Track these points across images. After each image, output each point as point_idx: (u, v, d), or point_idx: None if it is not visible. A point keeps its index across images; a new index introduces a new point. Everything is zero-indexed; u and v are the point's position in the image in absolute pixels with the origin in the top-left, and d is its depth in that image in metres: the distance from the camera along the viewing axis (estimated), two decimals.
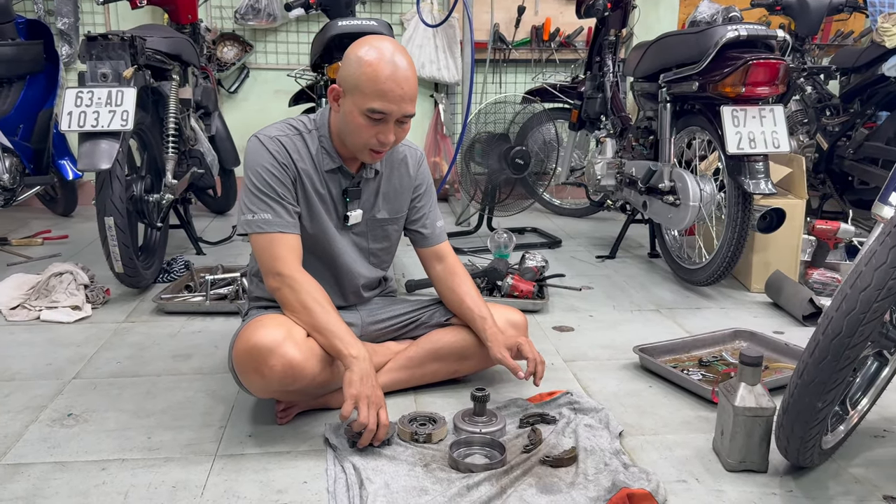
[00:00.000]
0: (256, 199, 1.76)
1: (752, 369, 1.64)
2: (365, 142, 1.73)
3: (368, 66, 1.66)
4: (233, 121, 4.35)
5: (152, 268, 2.97)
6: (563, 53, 4.82)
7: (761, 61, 2.54)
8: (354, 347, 1.67)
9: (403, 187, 1.98)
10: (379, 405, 1.64)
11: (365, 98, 1.67)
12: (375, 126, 1.71)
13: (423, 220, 2.03)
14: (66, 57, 4.36)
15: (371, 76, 1.66)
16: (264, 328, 1.69)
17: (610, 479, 1.55)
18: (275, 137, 1.79)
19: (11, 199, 3.28)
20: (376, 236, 1.99)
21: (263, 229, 1.75)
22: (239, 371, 1.74)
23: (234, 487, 1.56)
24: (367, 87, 1.66)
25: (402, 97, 1.68)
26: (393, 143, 1.76)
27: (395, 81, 1.66)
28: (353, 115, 1.71)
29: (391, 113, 1.69)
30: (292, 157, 1.80)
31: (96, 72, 2.57)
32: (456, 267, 2.04)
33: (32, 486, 1.56)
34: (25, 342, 2.39)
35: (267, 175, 1.76)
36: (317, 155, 1.83)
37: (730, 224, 2.69)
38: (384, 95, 1.66)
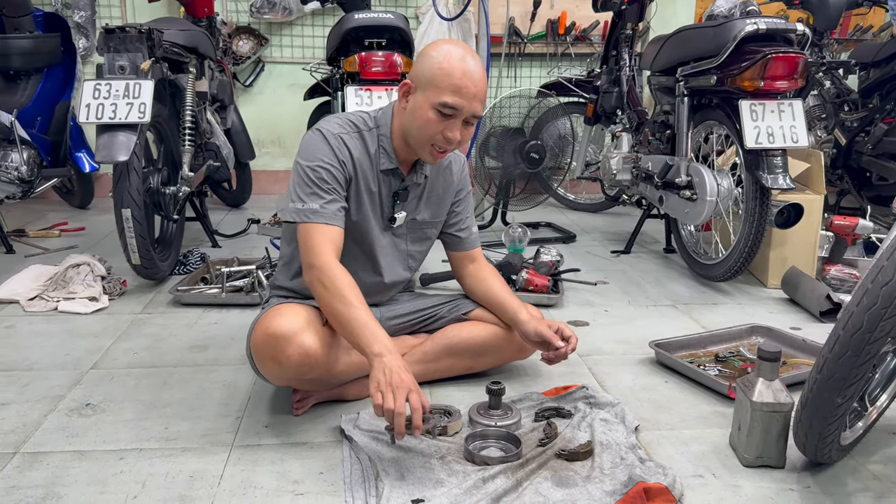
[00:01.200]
0: (307, 189, 1.75)
1: (770, 364, 1.63)
2: (431, 136, 1.73)
3: (445, 62, 1.69)
4: (248, 114, 4.37)
5: (168, 260, 2.99)
6: (579, 47, 4.80)
7: (780, 55, 2.52)
8: (377, 344, 1.59)
9: (447, 192, 2.00)
10: (408, 390, 1.52)
11: (439, 92, 1.69)
12: (444, 122, 1.71)
13: (460, 224, 2.05)
14: (83, 50, 4.39)
15: (447, 71, 1.68)
16: (282, 316, 1.70)
17: (626, 474, 1.54)
18: (337, 135, 1.79)
19: (29, 192, 3.31)
20: (415, 238, 2.00)
21: (310, 219, 1.73)
22: (256, 358, 1.75)
23: (251, 477, 1.56)
24: (442, 81, 1.68)
25: (475, 95, 1.70)
26: (457, 144, 1.77)
27: (469, 79, 1.69)
28: (423, 110, 1.72)
29: (462, 109, 1.70)
30: (353, 155, 1.80)
31: (114, 64, 2.58)
32: (487, 264, 2.09)
33: (51, 474, 1.57)
34: (43, 332, 2.41)
35: (323, 168, 1.75)
36: (375, 154, 1.83)
37: (747, 219, 2.67)
38: (458, 91, 1.68)
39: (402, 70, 2.86)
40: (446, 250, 2.09)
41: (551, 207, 4.50)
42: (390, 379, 1.52)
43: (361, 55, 2.84)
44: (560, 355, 1.89)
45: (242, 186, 4.36)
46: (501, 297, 1.98)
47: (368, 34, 2.92)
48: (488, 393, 1.78)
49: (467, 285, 2.07)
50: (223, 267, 2.85)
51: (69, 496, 1.49)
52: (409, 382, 1.53)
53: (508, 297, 1.98)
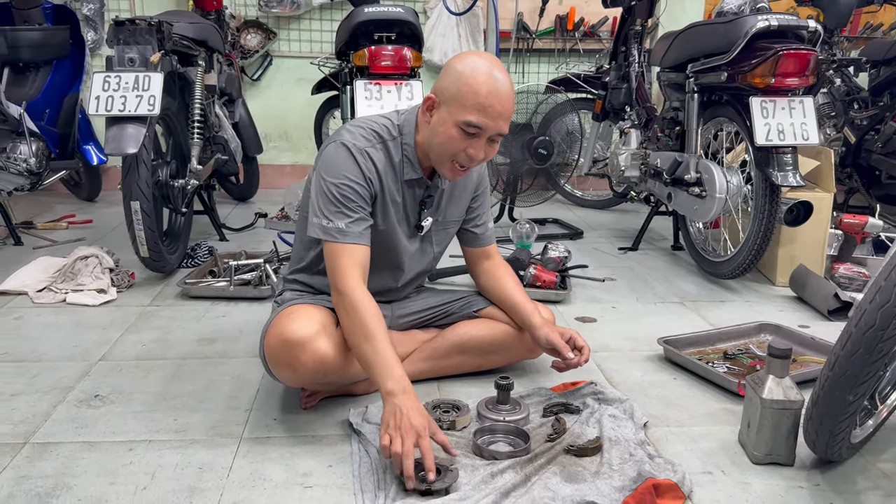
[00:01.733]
0: (333, 208, 1.69)
1: (780, 362, 1.62)
2: (453, 154, 1.69)
3: (471, 78, 1.63)
4: (255, 108, 4.37)
5: (177, 253, 2.99)
6: (587, 43, 4.79)
7: (792, 52, 2.50)
8: (391, 381, 1.55)
9: (467, 190, 1.97)
10: (417, 435, 1.47)
11: (463, 110, 1.64)
12: (467, 140, 1.67)
13: (477, 220, 2.03)
14: (92, 43, 4.40)
15: (473, 88, 1.62)
16: (297, 321, 1.68)
17: (635, 470, 1.54)
18: (363, 150, 1.73)
19: (38, 183, 3.32)
20: (440, 239, 1.99)
21: (336, 239, 1.69)
22: (271, 363, 1.74)
23: (260, 470, 1.57)
24: (467, 99, 1.63)
25: (501, 114, 1.65)
26: (480, 161, 1.72)
27: (496, 97, 1.63)
28: (446, 126, 1.67)
29: (486, 128, 1.65)
30: (378, 169, 1.75)
31: (123, 56, 2.58)
32: (502, 262, 2.07)
33: (61, 464, 1.57)
34: (52, 324, 2.41)
35: (348, 186, 1.70)
36: (399, 164, 1.79)
37: (756, 216, 2.66)
38: (483, 110, 1.63)
39: (411, 64, 2.86)
40: (461, 245, 2.08)
41: (558, 204, 4.49)
42: (400, 422, 1.48)
43: (371, 49, 2.83)
44: (571, 365, 1.87)
45: (250, 180, 4.37)
46: (515, 298, 1.97)
47: (378, 28, 2.91)
48: (497, 388, 1.78)
49: (481, 282, 2.06)
50: (231, 260, 2.85)
51: (79, 486, 1.49)
52: (420, 427, 1.48)
53: (522, 298, 1.96)
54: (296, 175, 4.75)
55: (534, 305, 1.96)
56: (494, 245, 2.08)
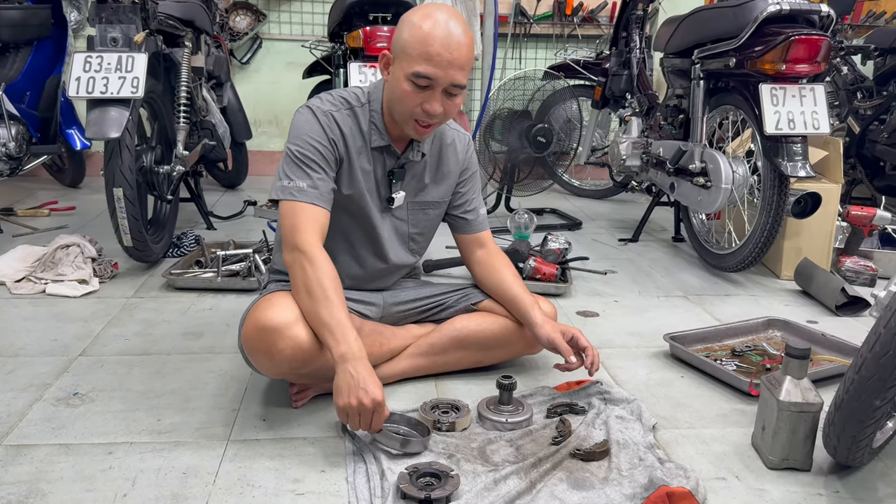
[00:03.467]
0: (296, 167, 1.66)
1: (798, 362, 1.54)
2: (410, 111, 1.64)
3: (419, 28, 1.58)
4: (244, 93, 4.25)
5: (162, 242, 2.88)
6: (586, 29, 4.69)
7: (803, 37, 2.42)
8: (344, 344, 1.50)
9: (450, 171, 1.89)
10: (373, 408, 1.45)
11: (411, 61, 1.58)
12: (421, 93, 1.61)
13: (467, 205, 1.94)
14: (75, 23, 4.26)
15: (419, 38, 1.57)
16: (274, 307, 1.60)
17: (646, 476, 1.46)
18: (328, 112, 1.70)
19: (17, 169, 3.19)
20: (417, 221, 1.90)
21: (295, 197, 1.65)
22: (248, 351, 1.65)
23: (248, 475, 1.47)
24: (414, 49, 1.58)
25: (451, 62, 1.58)
26: (441, 118, 1.66)
27: (443, 45, 1.56)
28: (399, 82, 1.62)
29: (437, 79, 1.58)
30: (343, 133, 1.71)
31: (106, 36, 2.46)
32: (498, 252, 1.97)
33: (35, 469, 1.47)
34: (30, 316, 2.31)
35: (312, 146, 1.67)
36: (367, 131, 1.74)
37: (764, 208, 2.57)
38: (430, 59, 1.57)
39: None
40: (453, 233, 1.99)
41: (555, 193, 4.40)
42: (356, 390, 1.45)
43: (366, 30, 2.73)
44: (573, 368, 1.79)
45: (238, 167, 4.25)
46: (513, 292, 1.88)
47: (373, 8, 2.81)
48: (499, 388, 1.69)
49: (477, 274, 1.96)
50: (219, 250, 2.75)
51: (54, 493, 1.40)
52: (377, 397, 1.45)
53: (521, 291, 1.87)
54: None
55: (534, 299, 1.87)
56: (488, 232, 1.98)
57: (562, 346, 1.78)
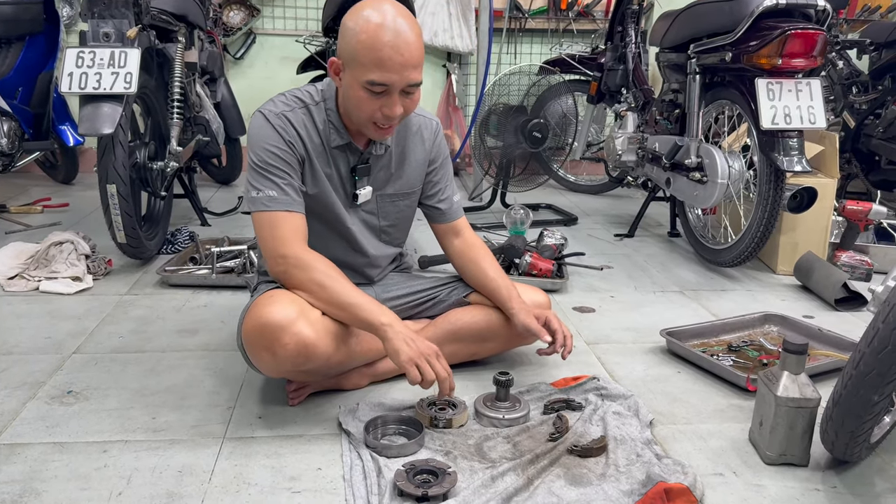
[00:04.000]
0: (261, 177, 1.64)
1: (796, 357, 1.54)
2: (369, 116, 1.60)
3: (363, 33, 1.51)
4: (238, 88, 4.22)
5: (156, 238, 2.86)
6: (581, 24, 4.67)
7: (800, 31, 2.41)
8: (384, 315, 1.56)
9: (417, 161, 1.85)
10: (436, 354, 1.55)
11: (363, 69, 1.53)
12: (378, 99, 1.56)
13: (440, 194, 1.91)
14: (67, 18, 4.22)
15: (367, 44, 1.51)
16: (276, 304, 1.58)
17: (644, 472, 1.45)
18: (280, 114, 1.66)
19: (10, 165, 3.18)
20: (387, 213, 1.87)
21: (268, 207, 1.63)
22: (249, 349, 1.64)
23: (245, 473, 1.46)
24: (364, 56, 1.52)
25: (404, 65, 1.52)
26: (401, 116, 1.62)
27: (393, 48, 1.50)
28: (353, 89, 1.57)
29: (392, 84, 1.54)
30: (300, 133, 1.68)
31: (98, 31, 2.43)
32: (474, 241, 1.94)
33: (29, 468, 1.46)
34: (24, 314, 2.29)
35: (272, 153, 1.64)
36: (324, 130, 1.70)
37: (760, 203, 2.57)
38: (383, 65, 1.51)
39: None
40: (429, 223, 1.96)
41: (551, 189, 4.39)
42: (418, 348, 1.52)
43: None
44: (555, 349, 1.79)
45: (232, 163, 4.23)
46: (494, 284, 1.85)
47: None
48: (496, 384, 1.69)
49: (457, 265, 1.94)
50: (213, 246, 2.74)
51: (48, 493, 1.38)
52: (434, 346, 1.56)
53: (501, 282, 1.85)
54: None
55: (512, 288, 1.85)
56: (463, 219, 1.95)
57: (535, 328, 1.78)
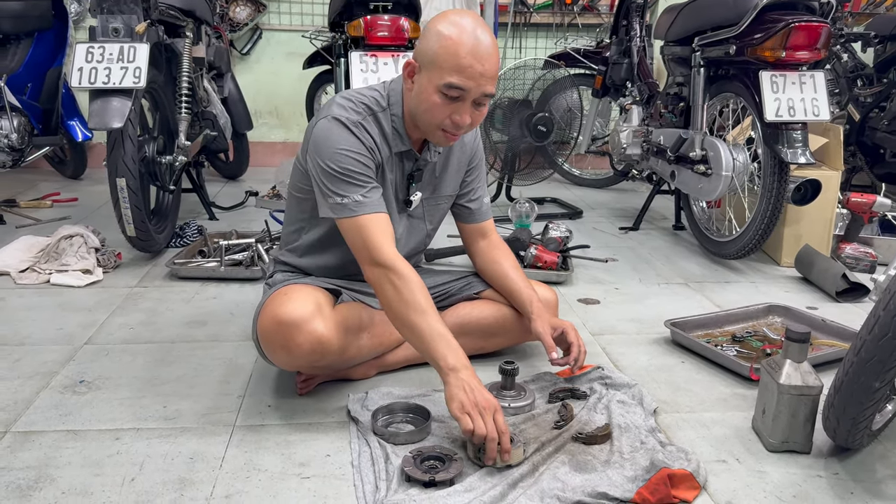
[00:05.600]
0: (343, 183, 1.60)
1: (798, 345, 1.55)
2: (439, 122, 1.60)
3: (448, 39, 1.53)
4: (245, 83, 4.25)
5: (164, 232, 2.89)
6: (586, 18, 4.68)
7: (803, 24, 2.42)
8: (453, 357, 1.50)
9: (460, 164, 1.87)
10: (494, 410, 1.45)
11: (442, 73, 1.54)
12: (451, 105, 1.57)
13: (471, 195, 1.93)
14: (76, 15, 4.26)
15: (451, 50, 1.52)
16: (292, 302, 1.60)
17: (647, 458, 1.47)
18: (357, 122, 1.64)
19: (20, 160, 3.20)
20: (433, 217, 1.90)
21: (356, 212, 1.60)
22: (264, 345, 1.66)
23: (255, 460, 1.49)
24: (445, 61, 1.53)
25: (483, 74, 1.54)
26: (468, 127, 1.62)
27: (475, 56, 1.52)
28: (428, 93, 1.57)
29: (469, 90, 1.55)
30: (375, 141, 1.67)
31: (107, 26, 2.46)
32: (500, 242, 1.97)
33: (44, 454, 1.49)
34: (35, 306, 2.32)
35: (353, 159, 1.61)
36: (391, 136, 1.70)
37: (764, 195, 2.58)
38: (463, 71, 1.53)
39: (409, 35, 2.75)
40: (456, 222, 1.99)
41: (556, 183, 4.41)
42: (475, 399, 1.44)
43: (367, 18, 2.72)
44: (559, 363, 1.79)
45: (239, 158, 4.26)
46: (513, 285, 1.88)
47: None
48: (501, 373, 1.71)
49: (478, 264, 1.97)
50: (221, 240, 2.76)
51: (63, 478, 1.41)
52: (494, 403, 1.46)
53: (521, 284, 1.87)
54: (287, 152, 4.65)
55: (532, 292, 1.87)
56: (491, 221, 1.98)
57: (546, 342, 1.78)
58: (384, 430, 1.56)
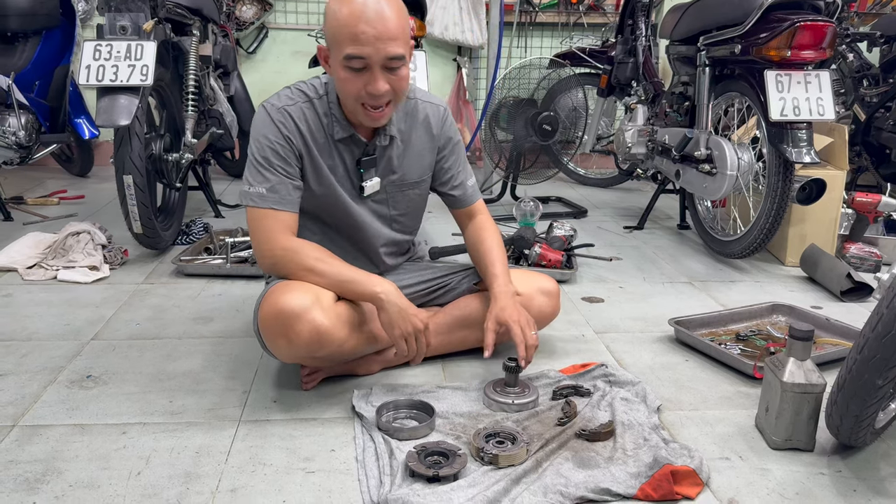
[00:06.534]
0: (255, 172, 1.66)
1: (802, 344, 1.56)
2: (356, 96, 1.59)
3: (339, 13, 1.53)
4: (250, 82, 4.25)
5: (171, 229, 2.91)
6: (592, 17, 4.68)
7: (808, 23, 2.41)
8: (378, 284, 1.65)
9: (425, 149, 1.85)
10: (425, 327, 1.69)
11: (340, 47, 1.54)
12: (360, 76, 1.56)
13: (452, 181, 1.92)
14: (83, 13, 4.27)
15: (342, 22, 1.52)
16: (291, 292, 1.61)
17: (651, 455, 1.48)
18: (281, 108, 1.67)
19: (27, 158, 3.22)
20: (397, 203, 1.87)
21: (257, 203, 1.66)
22: (265, 336, 1.67)
23: (260, 454, 1.50)
24: (340, 35, 1.53)
25: (378, 36, 1.51)
26: (391, 95, 1.60)
27: (366, 22, 1.51)
28: (337, 72, 1.58)
29: (369, 56, 1.53)
30: (300, 128, 1.68)
31: (115, 24, 2.48)
32: (486, 222, 1.95)
33: (52, 448, 1.50)
34: (42, 302, 2.34)
35: (268, 147, 1.66)
36: (327, 123, 1.70)
37: (769, 194, 2.58)
38: (357, 38, 1.51)
39: (414, 34, 2.75)
40: (450, 210, 1.99)
41: (560, 182, 4.41)
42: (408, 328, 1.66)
43: None
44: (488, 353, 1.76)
45: (245, 156, 4.25)
46: (485, 267, 1.86)
47: None
48: (505, 370, 1.72)
49: (468, 247, 1.97)
50: (227, 237, 2.77)
51: (70, 471, 1.43)
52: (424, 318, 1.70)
53: (491, 266, 1.84)
54: None
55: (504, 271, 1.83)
56: (479, 203, 1.97)
57: (486, 339, 1.74)
58: (388, 426, 1.57)
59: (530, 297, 1.89)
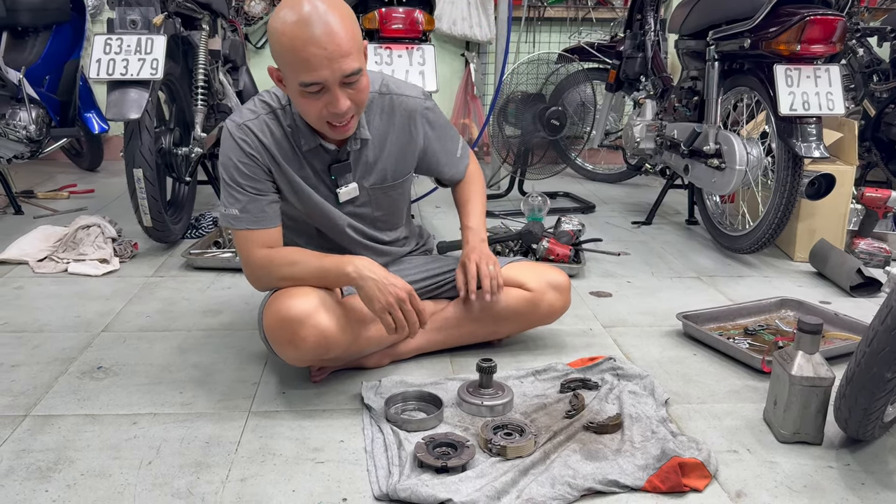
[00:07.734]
0: (227, 194, 1.64)
1: (810, 337, 1.55)
2: (318, 118, 1.54)
3: (283, 35, 1.45)
4: (259, 77, 4.25)
5: (180, 223, 2.92)
6: (600, 12, 4.67)
7: (818, 17, 2.41)
8: (348, 264, 1.62)
9: (401, 148, 1.79)
10: (408, 294, 1.62)
11: (293, 73, 1.47)
12: (319, 98, 1.50)
13: (440, 165, 1.90)
14: (93, 8, 4.29)
15: (289, 47, 1.44)
16: (294, 297, 1.60)
17: (658, 448, 1.48)
18: (242, 125, 1.62)
19: (38, 152, 3.24)
20: (380, 204, 1.83)
21: (233, 225, 1.65)
22: (272, 342, 1.67)
23: (269, 445, 1.51)
24: (289, 61, 1.46)
25: (330, 57, 1.44)
26: (354, 109, 1.55)
27: (314, 43, 1.42)
28: (295, 96, 1.53)
29: (326, 80, 1.46)
30: (263, 142, 1.63)
31: (125, 18, 2.49)
32: (473, 174, 1.99)
33: (63, 437, 1.52)
34: (53, 294, 2.35)
35: (233, 168, 1.62)
36: (293, 134, 1.65)
37: (778, 189, 2.57)
38: (308, 64, 1.44)
39: (423, 27, 2.75)
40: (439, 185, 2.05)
41: (569, 177, 4.40)
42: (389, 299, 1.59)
43: (381, 11, 2.73)
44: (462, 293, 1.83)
45: None
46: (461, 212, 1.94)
47: None
48: (479, 371, 1.66)
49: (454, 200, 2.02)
50: None
51: (81, 461, 1.44)
52: (406, 287, 1.62)
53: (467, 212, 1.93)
54: None
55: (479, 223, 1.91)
56: (468, 164, 1.98)
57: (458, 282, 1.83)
58: (397, 417, 1.57)
59: (541, 292, 1.89)
